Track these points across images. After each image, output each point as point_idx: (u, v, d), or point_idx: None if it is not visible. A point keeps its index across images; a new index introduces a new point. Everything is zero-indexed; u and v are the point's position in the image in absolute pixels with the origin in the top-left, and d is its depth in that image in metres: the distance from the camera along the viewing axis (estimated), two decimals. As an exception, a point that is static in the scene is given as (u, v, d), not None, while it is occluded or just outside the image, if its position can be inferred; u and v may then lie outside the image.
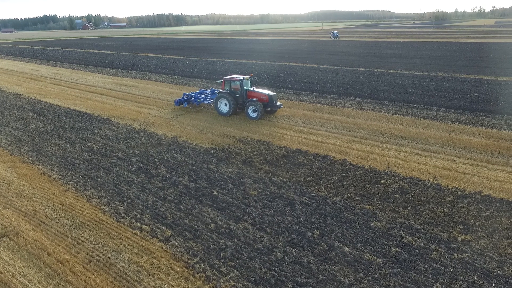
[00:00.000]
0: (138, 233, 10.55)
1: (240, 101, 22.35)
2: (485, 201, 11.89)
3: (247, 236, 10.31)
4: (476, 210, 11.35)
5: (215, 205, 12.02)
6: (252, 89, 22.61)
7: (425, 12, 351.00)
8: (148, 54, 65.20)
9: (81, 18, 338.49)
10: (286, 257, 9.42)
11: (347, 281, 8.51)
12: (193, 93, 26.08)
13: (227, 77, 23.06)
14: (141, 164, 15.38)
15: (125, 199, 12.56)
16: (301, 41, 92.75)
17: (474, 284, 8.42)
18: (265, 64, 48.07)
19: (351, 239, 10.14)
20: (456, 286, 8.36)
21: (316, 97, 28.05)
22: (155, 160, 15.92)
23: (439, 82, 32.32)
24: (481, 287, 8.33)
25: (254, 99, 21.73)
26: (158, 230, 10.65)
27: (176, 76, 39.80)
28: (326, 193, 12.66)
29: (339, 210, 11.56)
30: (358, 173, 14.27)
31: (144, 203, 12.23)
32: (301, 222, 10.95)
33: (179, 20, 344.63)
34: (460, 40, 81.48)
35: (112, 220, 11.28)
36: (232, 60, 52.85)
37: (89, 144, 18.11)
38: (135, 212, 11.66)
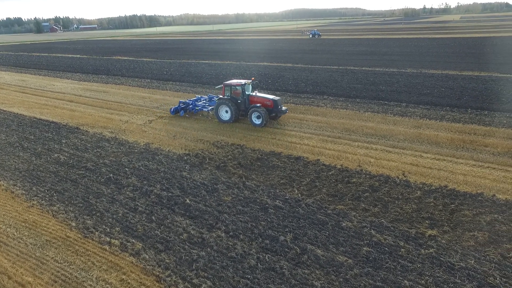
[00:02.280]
0: (107, 248, 10.21)
1: (242, 107, 21.14)
2: (450, 195, 12.35)
3: (220, 244, 10.21)
4: (442, 205, 11.76)
5: (187, 214, 11.83)
6: (254, 94, 21.38)
7: (395, 9, 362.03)
8: (120, 57, 63.54)
9: (48, 20, 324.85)
10: (259, 263, 9.39)
11: (319, 284, 8.58)
12: (190, 100, 24.82)
13: (227, 82, 21.83)
14: (111, 174, 14.92)
15: (94, 212, 12.14)
16: (275, 40, 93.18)
17: (439, 278, 8.70)
18: (240, 64, 47.93)
19: (323, 241, 10.24)
20: (423, 281, 8.61)
21: (290, 97, 28.24)
22: (126, 169, 15.49)
23: (408, 78, 33.34)
24: (446, 280, 8.62)
25: (258, 104, 20.48)
26: (128, 243, 10.35)
27: (149, 80, 38.99)
28: (299, 195, 12.74)
29: (312, 212, 11.66)
30: (330, 173, 14.46)
31: (114, 216, 11.86)
32: (274, 226, 10.96)
33: (152, 21, 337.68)
34: (428, 36, 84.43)
35: (79, 236, 10.86)
36: (207, 62, 52.37)
37: (56, 155, 17.39)
38: (104, 226, 11.28)
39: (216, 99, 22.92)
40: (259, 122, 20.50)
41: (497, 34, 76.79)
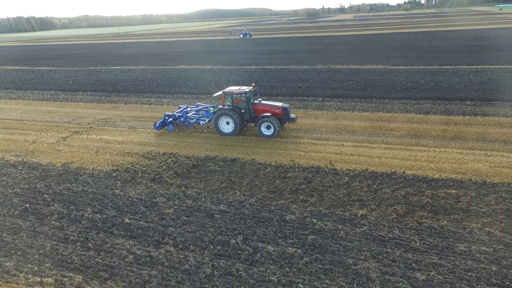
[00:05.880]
0: (40, 289, 9.00)
1: (247, 117, 19.27)
2: (371, 177, 14.09)
3: (171, 259, 9.88)
4: (367, 186, 13.35)
5: (129, 234, 11.11)
6: (258, 101, 19.54)
7: (299, 9, 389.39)
8: (10, 67, 54.99)
9: None
10: (215, 271, 9.40)
11: (276, 279, 9.01)
12: (177, 112, 21.63)
13: (227, 90, 19.44)
14: (27, 205, 13.04)
15: (13, 251, 10.51)
16: (190, 42, 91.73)
17: (375, 251, 9.95)
18: (157, 69, 46.04)
19: (272, 236, 10.73)
20: (362, 256, 9.74)
21: (215, 99, 28.29)
22: (45, 196, 13.71)
23: (320, 74, 36.42)
24: (380, 252, 9.90)
25: (267, 114, 18.64)
26: (65, 278, 9.28)
27: (53, 92, 34.74)
28: (242, 197, 13.04)
29: (257, 211, 12.07)
30: (267, 170, 15.09)
31: (41, 251, 10.46)
32: (223, 231, 11.05)
33: (44, 23, 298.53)
34: (330, 34, 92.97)
35: (-1, 282, 9.32)
36: (118, 67, 48.88)
37: None
38: (30, 265, 9.87)
39: (212, 109, 20.63)
40: (270, 133, 18.69)
41: (384, 31, 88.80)
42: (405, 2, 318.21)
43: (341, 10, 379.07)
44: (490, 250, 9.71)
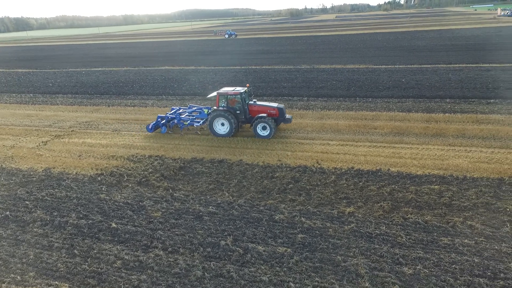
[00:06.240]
0: (24, 298, 8.72)
1: (242, 118, 19.17)
2: (357, 175, 14.34)
3: (160, 263, 9.76)
4: (353, 184, 13.58)
5: (116, 239, 10.90)
6: (253, 102, 19.48)
7: (282, 9, 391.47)
8: (-15, 70, 52.94)
9: None
10: (205, 273, 9.35)
11: (267, 279, 9.05)
12: (170, 113, 21.21)
13: (221, 91, 19.24)
14: (8, 212, 12.60)
15: (-5, 261, 10.14)
16: (173, 42, 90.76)
17: (363, 247, 10.13)
18: (140, 70, 45.33)
19: (262, 236, 10.76)
20: (351, 253, 9.90)
21: (200, 100, 28.15)
22: (27, 202, 13.28)
23: (304, 73, 36.74)
24: (368, 248, 10.09)
25: (263, 115, 18.52)
26: (51, 287, 9.02)
27: (31, 94, 33.68)
28: (230, 198, 13.01)
29: (246, 212, 12.07)
30: (255, 171, 15.12)
31: (24, 260, 10.13)
32: (212, 233, 11.00)
33: (20, 24, 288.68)
34: (313, 34, 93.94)
35: (-20, 293, 8.97)
36: (100, 69, 47.84)
37: None
38: (12, 275, 9.55)
39: (206, 110, 20.55)
40: (266, 134, 18.65)
41: (365, 31, 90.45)
42: (385, 2, 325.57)
43: (323, 10, 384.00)
44: (472, 242, 10.07)
